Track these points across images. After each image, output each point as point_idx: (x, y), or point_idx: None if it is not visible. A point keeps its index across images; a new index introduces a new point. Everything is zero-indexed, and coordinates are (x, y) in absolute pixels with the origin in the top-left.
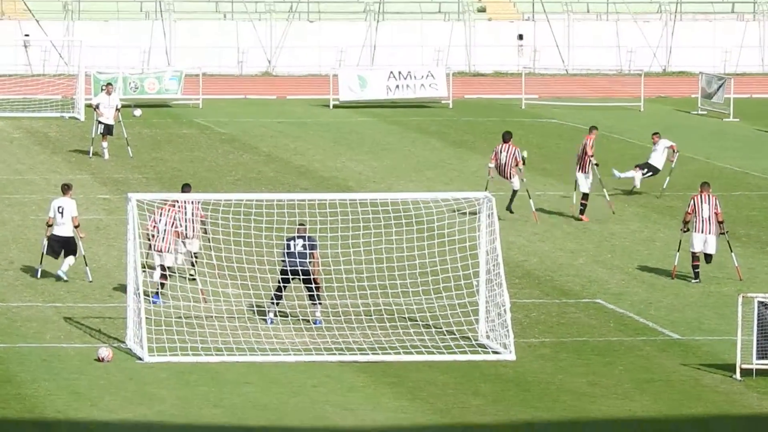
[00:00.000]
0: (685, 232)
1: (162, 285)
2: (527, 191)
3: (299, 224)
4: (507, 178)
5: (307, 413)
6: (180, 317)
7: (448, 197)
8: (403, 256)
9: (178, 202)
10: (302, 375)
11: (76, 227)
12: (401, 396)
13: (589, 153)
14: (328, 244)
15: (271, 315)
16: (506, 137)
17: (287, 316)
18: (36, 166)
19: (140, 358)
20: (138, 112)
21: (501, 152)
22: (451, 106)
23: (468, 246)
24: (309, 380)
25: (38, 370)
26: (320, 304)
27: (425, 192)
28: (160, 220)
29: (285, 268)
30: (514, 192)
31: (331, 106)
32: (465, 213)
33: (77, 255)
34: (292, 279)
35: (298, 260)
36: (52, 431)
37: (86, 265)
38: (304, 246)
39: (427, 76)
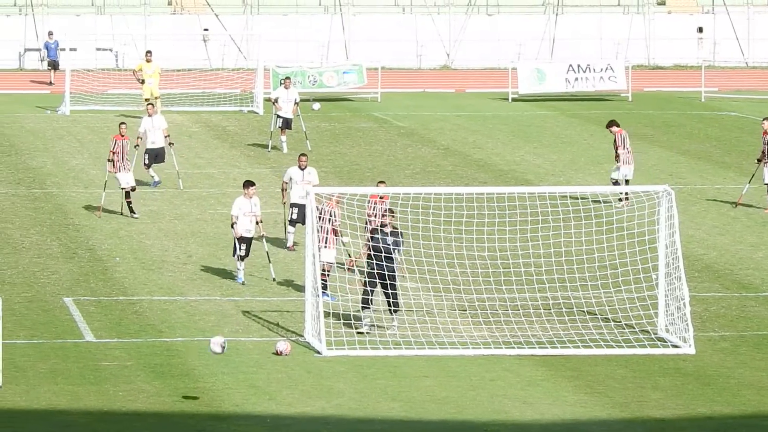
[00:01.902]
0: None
1: (324, 281)
2: None
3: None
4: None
5: (486, 407)
6: (359, 311)
7: (627, 190)
8: (582, 249)
9: (344, 197)
10: (481, 369)
11: (257, 223)
12: (580, 390)
13: None
14: (507, 237)
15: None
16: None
17: (466, 310)
18: (214, 160)
19: (318, 352)
20: (317, 105)
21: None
22: (630, 99)
23: (647, 239)
24: (487, 374)
25: (216, 364)
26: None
27: (604, 185)
28: (323, 215)
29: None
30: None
31: (509, 100)
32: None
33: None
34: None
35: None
36: (230, 425)
37: (270, 262)
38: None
39: (607, 69)
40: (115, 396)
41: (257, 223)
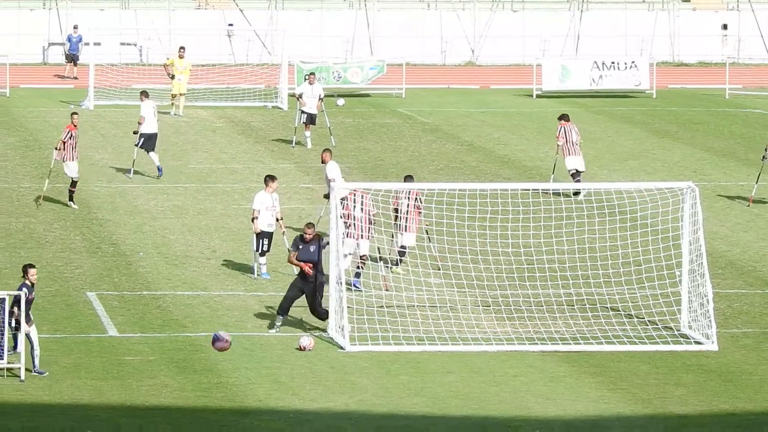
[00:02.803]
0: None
1: (358, 273)
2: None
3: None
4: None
5: (509, 403)
6: (382, 306)
7: (651, 187)
8: (605, 246)
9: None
10: (504, 365)
11: (278, 220)
12: (603, 386)
13: None
14: (531, 233)
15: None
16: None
17: (489, 306)
18: (239, 156)
19: (342, 348)
20: (341, 101)
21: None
22: (654, 96)
23: (671, 236)
24: (510, 370)
25: (240, 359)
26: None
27: (628, 182)
28: (354, 207)
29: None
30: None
31: (534, 96)
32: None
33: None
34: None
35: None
36: (253, 420)
37: None
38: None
39: (631, 66)
40: (138, 391)
41: (277, 220)
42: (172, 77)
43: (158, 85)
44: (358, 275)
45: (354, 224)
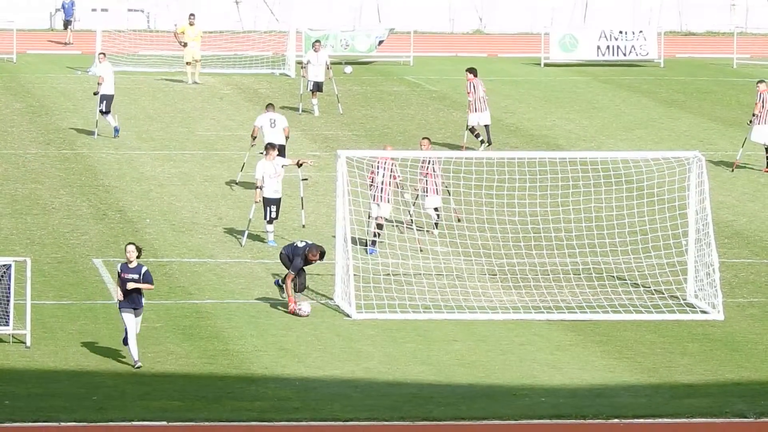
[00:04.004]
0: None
1: (377, 236)
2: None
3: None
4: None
5: (515, 371)
6: (389, 274)
7: (658, 156)
8: (612, 215)
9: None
10: (510, 333)
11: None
12: (609, 355)
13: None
14: (538, 202)
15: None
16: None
17: (496, 275)
18: (246, 123)
19: (348, 315)
20: (349, 69)
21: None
22: (662, 66)
23: (677, 205)
24: (517, 338)
25: (246, 326)
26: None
27: (635, 151)
28: (378, 171)
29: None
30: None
31: (542, 65)
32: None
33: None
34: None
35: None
36: (258, 387)
37: (302, 208)
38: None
39: (639, 35)
40: (144, 358)
41: (300, 165)
42: (185, 45)
43: (165, 52)
44: (374, 243)
45: (381, 188)
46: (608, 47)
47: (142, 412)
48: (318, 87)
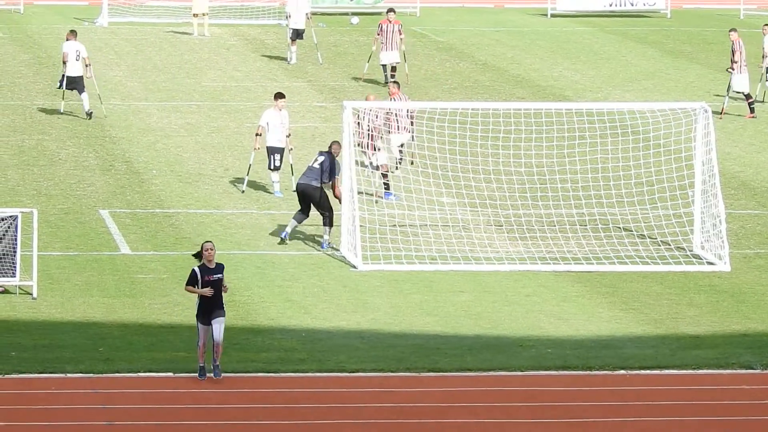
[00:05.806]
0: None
1: (386, 185)
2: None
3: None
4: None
5: (521, 322)
6: (394, 225)
7: (664, 107)
8: (618, 166)
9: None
10: (516, 284)
11: (287, 137)
12: (615, 306)
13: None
14: (544, 153)
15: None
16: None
17: (502, 226)
18: (252, 74)
19: (354, 267)
20: (355, 20)
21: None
22: (669, 16)
23: (684, 156)
24: (523, 289)
25: (252, 278)
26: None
27: (642, 102)
28: (361, 122)
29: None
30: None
31: (548, 15)
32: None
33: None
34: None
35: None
36: (265, 338)
37: (293, 174)
38: (320, 164)
39: None
40: (150, 309)
41: (287, 136)
42: None
43: (174, 3)
44: (387, 186)
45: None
46: None
47: (148, 363)
48: (298, 35)
